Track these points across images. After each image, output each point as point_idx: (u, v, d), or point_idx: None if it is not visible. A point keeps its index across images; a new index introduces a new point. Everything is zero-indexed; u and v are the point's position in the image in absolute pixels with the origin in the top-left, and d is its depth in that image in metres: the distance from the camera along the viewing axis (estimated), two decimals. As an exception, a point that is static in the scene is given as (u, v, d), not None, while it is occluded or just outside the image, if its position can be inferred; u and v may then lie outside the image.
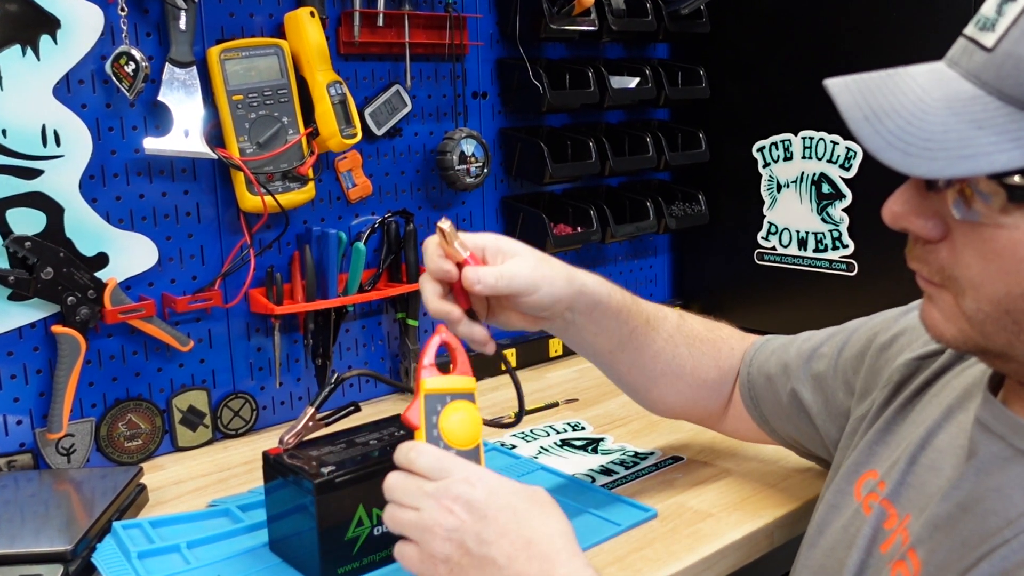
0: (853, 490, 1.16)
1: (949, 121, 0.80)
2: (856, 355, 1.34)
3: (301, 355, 1.97)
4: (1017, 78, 0.78)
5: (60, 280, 1.61)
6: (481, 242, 1.27)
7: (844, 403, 1.34)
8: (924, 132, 0.81)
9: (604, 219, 2.31)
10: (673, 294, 2.74)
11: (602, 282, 1.39)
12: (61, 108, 1.61)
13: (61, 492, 1.55)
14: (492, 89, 2.24)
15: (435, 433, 1.10)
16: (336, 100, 1.83)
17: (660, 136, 2.42)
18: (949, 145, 0.79)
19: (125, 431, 1.75)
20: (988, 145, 0.78)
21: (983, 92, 0.81)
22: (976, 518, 0.93)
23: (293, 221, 1.91)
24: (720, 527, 1.43)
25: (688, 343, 1.49)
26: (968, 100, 0.81)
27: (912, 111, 0.82)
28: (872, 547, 1.06)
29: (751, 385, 1.49)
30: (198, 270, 1.82)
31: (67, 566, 1.28)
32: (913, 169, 0.80)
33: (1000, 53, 0.80)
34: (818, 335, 1.46)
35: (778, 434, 1.50)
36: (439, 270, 1.23)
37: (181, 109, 1.71)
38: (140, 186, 1.73)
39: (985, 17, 0.83)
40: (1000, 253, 0.84)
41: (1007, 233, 0.82)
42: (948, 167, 0.79)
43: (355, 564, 1.29)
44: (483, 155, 2.12)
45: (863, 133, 0.83)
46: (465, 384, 1.15)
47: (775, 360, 1.47)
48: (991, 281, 0.85)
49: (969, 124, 0.79)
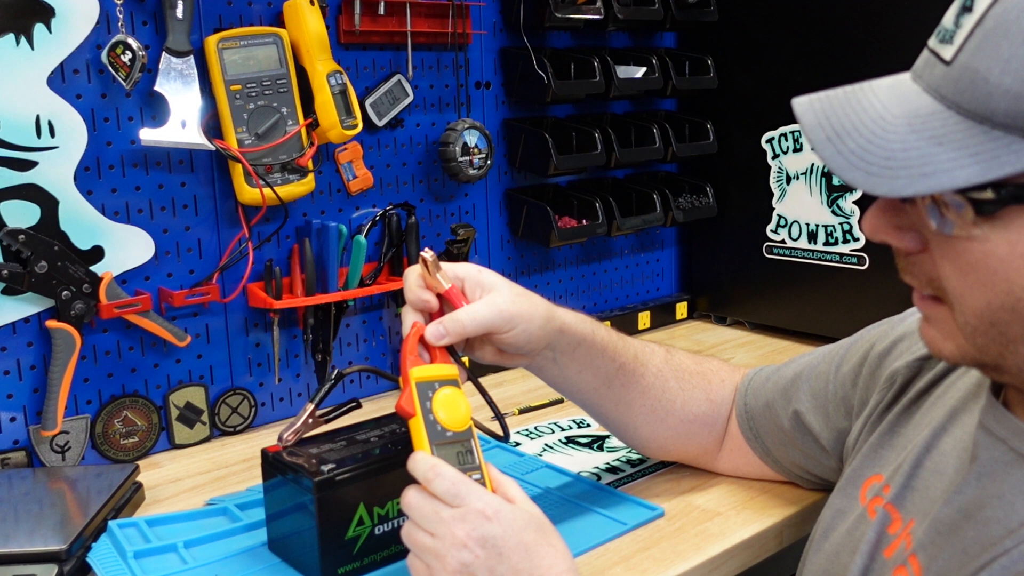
0: (858, 494, 1.16)
1: (909, 139, 0.81)
2: (854, 368, 1.33)
3: (300, 350, 1.97)
4: (973, 92, 0.78)
5: (55, 274, 1.61)
6: (462, 273, 1.28)
7: (843, 421, 1.33)
8: (884, 151, 0.81)
9: (610, 212, 2.31)
10: (680, 288, 2.74)
11: (584, 319, 1.38)
12: (56, 98, 1.61)
13: (56, 490, 1.55)
14: (495, 79, 2.23)
15: (431, 418, 1.15)
16: (336, 90, 1.82)
17: (667, 127, 2.41)
18: (909, 163, 0.80)
19: (121, 428, 1.74)
20: (948, 162, 0.78)
21: (943, 107, 0.81)
22: (978, 525, 0.93)
23: (292, 214, 1.90)
24: (728, 526, 1.42)
25: (677, 377, 1.47)
26: (928, 116, 0.81)
27: (872, 129, 0.83)
28: (876, 552, 1.06)
29: (750, 416, 1.47)
30: (195, 264, 1.81)
31: (62, 566, 1.28)
32: (875, 189, 0.81)
33: (957, 66, 0.80)
34: (813, 355, 1.44)
35: (782, 465, 1.48)
36: (419, 301, 1.25)
37: (178, 99, 1.70)
38: (136, 178, 1.72)
39: (944, 29, 0.84)
40: (975, 266, 0.84)
41: (979, 246, 0.83)
42: (908, 185, 0.79)
43: (356, 564, 1.28)
44: (486, 146, 2.11)
45: (826, 153, 0.84)
46: (449, 371, 1.21)
47: (771, 386, 1.45)
48: (971, 294, 0.86)
49: (928, 141, 0.80)
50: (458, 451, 1.15)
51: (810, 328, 2.40)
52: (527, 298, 1.29)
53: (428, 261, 1.23)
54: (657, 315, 2.61)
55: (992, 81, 0.77)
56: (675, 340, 2.48)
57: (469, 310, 1.23)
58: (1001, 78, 0.76)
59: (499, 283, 1.28)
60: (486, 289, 1.27)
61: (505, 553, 1.03)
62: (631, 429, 1.49)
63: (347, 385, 2.05)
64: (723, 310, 2.65)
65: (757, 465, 1.51)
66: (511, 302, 1.26)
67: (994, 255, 0.82)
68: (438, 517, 1.06)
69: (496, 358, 1.32)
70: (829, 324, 2.31)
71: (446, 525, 1.05)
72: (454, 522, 1.05)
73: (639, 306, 2.59)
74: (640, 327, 2.55)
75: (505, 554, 1.03)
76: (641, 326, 2.56)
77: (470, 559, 1.03)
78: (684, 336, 2.53)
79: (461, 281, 1.27)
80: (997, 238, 0.81)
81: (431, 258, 1.23)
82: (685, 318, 2.69)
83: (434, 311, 1.25)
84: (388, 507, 1.30)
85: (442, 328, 1.22)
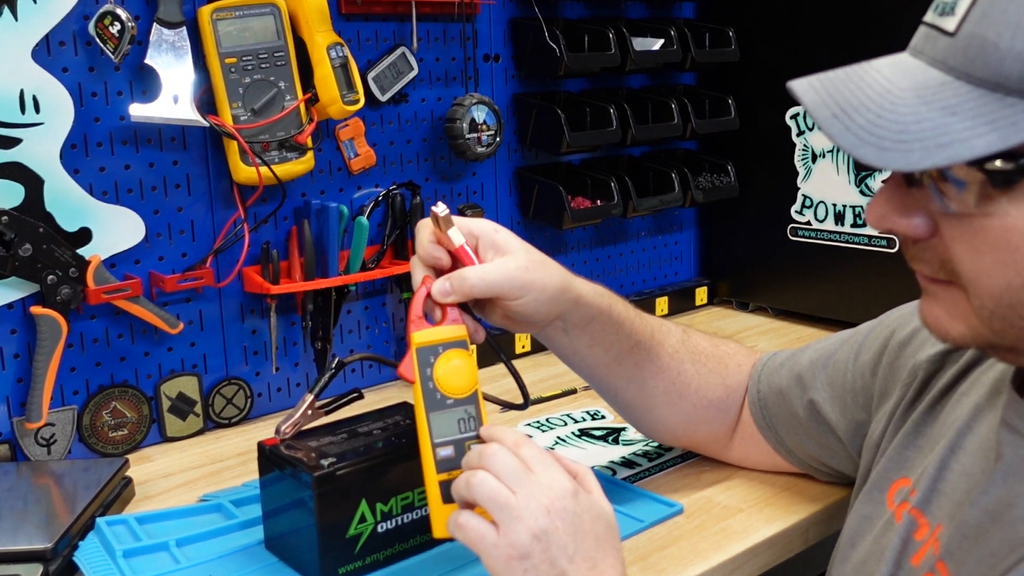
0: (886, 499, 1.15)
1: (921, 110, 0.81)
2: (873, 357, 1.32)
3: (299, 338, 1.97)
4: (984, 59, 0.79)
5: (39, 257, 1.60)
6: (477, 230, 1.26)
7: (862, 413, 1.33)
8: (896, 124, 0.81)
9: (626, 192, 2.30)
10: (700, 273, 2.74)
11: (603, 292, 1.37)
12: (40, 72, 1.61)
13: (40, 486, 1.55)
14: (505, 52, 2.22)
15: (431, 385, 1.16)
16: (337, 63, 1.82)
17: (686, 102, 2.40)
18: (924, 135, 0.80)
19: (110, 420, 1.74)
20: (964, 131, 0.78)
21: (952, 78, 0.81)
22: (1004, 527, 0.93)
23: (291, 194, 1.90)
24: (751, 524, 1.42)
25: (693, 359, 1.47)
26: (937, 87, 0.82)
27: (881, 104, 0.83)
28: (902, 559, 1.06)
29: (763, 404, 1.47)
30: (188, 247, 1.81)
31: (47, 565, 1.28)
32: (889, 163, 0.80)
33: (963, 36, 0.81)
34: (830, 340, 1.44)
35: (796, 456, 1.47)
36: (430, 257, 1.24)
37: (170, 73, 1.70)
38: (126, 156, 1.72)
39: (943, 2, 0.84)
40: (994, 244, 0.83)
41: (997, 222, 0.82)
42: (925, 158, 0.79)
43: (357, 563, 1.28)
44: (495, 123, 2.11)
45: (834, 131, 0.84)
46: (455, 332, 1.20)
47: (786, 372, 1.45)
48: (988, 275, 0.85)
49: (942, 111, 0.80)
50: (459, 418, 1.16)
51: (836, 314, 2.38)
52: (543, 266, 1.28)
53: (439, 216, 1.21)
54: (675, 301, 2.61)
55: (1003, 47, 0.77)
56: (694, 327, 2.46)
57: (479, 270, 1.22)
58: (1012, 42, 0.77)
59: (515, 245, 1.27)
60: (500, 250, 1.25)
61: (580, 535, 1.04)
62: (641, 410, 1.48)
63: (348, 374, 2.04)
64: (745, 295, 2.64)
65: (769, 455, 1.50)
66: (525, 268, 1.25)
67: (1015, 230, 0.82)
68: (527, 477, 1.05)
69: (503, 322, 1.31)
70: (857, 310, 2.29)
71: (534, 487, 1.04)
72: (542, 488, 1.04)
73: (656, 291, 2.59)
74: (657, 313, 2.54)
75: (580, 536, 1.04)
76: (659, 312, 2.55)
77: (551, 528, 1.02)
78: (704, 323, 2.53)
79: (475, 239, 1.25)
80: (1017, 212, 0.81)
81: (443, 213, 1.21)
82: (705, 304, 2.68)
83: (445, 268, 1.24)
84: (392, 503, 1.30)
85: (448, 285, 1.21)
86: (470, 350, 1.20)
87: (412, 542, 1.33)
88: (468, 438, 1.15)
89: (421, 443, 1.16)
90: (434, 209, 1.21)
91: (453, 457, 1.15)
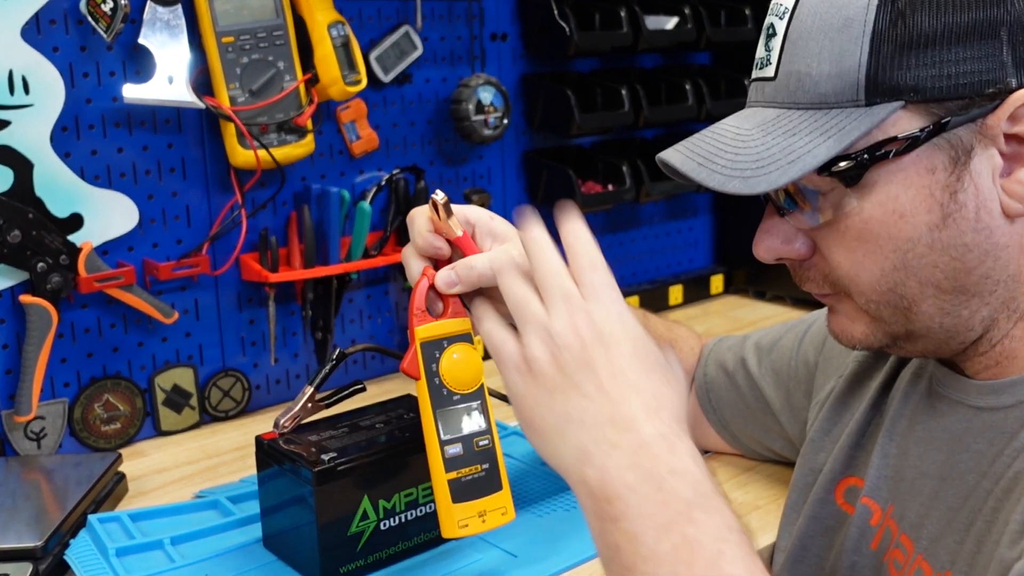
0: (834, 499, 1.21)
1: (767, 140, 0.97)
2: (817, 346, 1.40)
3: (299, 328, 1.97)
4: (802, 87, 0.97)
5: (29, 244, 1.60)
6: (473, 217, 1.25)
7: (804, 400, 1.40)
8: (751, 155, 0.97)
9: (638, 176, 2.30)
10: (715, 260, 2.73)
11: None
12: (30, 51, 1.60)
13: (30, 481, 1.56)
14: (513, 30, 2.22)
15: (436, 381, 1.16)
16: (338, 42, 1.82)
17: (701, 83, 2.40)
18: (775, 157, 0.95)
19: (102, 413, 1.74)
20: (807, 146, 0.94)
21: (784, 110, 0.99)
22: (955, 483, 1.03)
23: (290, 178, 1.90)
24: (767, 521, 1.43)
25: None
26: (775, 119, 0.99)
27: (735, 145, 0.99)
28: (860, 547, 1.14)
29: (709, 386, 1.55)
30: (183, 233, 1.81)
31: (37, 564, 1.28)
32: (755, 188, 0.94)
33: (783, 76, 0.99)
34: (777, 327, 1.54)
35: (740, 440, 1.56)
36: (430, 247, 1.22)
37: (164, 53, 1.69)
38: (119, 139, 1.72)
39: (760, 58, 1.03)
40: (860, 238, 0.97)
41: (856, 218, 0.97)
42: (782, 175, 0.93)
43: (359, 563, 1.29)
44: (503, 104, 2.10)
45: (701, 176, 0.98)
46: (459, 326, 1.20)
47: (732, 356, 1.54)
48: (864, 269, 0.99)
49: (784, 136, 0.96)
50: (467, 414, 1.16)
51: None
52: None
53: (439, 203, 1.20)
54: (690, 289, 2.60)
55: (814, 73, 0.96)
56: (710, 317, 2.47)
57: (486, 258, 1.20)
58: (820, 67, 0.95)
59: (512, 234, 1.26)
60: (499, 238, 1.24)
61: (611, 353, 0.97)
62: None
63: (350, 366, 2.05)
64: (762, 284, 2.63)
65: (713, 439, 1.59)
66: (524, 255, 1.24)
67: (872, 220, 0.96)
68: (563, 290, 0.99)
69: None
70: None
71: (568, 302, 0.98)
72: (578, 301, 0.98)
73: (670, 279, 2.58)
74: (671, 303, 2.54)
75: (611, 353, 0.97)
76: (672, 301, 2.55)
77: (572, 341, 0.96)
78: (720, 312, 2.52)
79: (472, 227, 1.25)
80: (869, 204, 0.96)
81: (443, 200, 1.20)
82: (721, 293, 2.67)
83: (444, 258, 1.24)
84: (394, 500, 1.30)
85: (454, 275, 1.20)
86: (475, 343, 1.20)
87: (416, 540, 1.33)
88: (477, 434, 1.15)
89: (428, 441, 1.15)
90: (434, 197, 1.20)
91: (462, 454, 1.15)
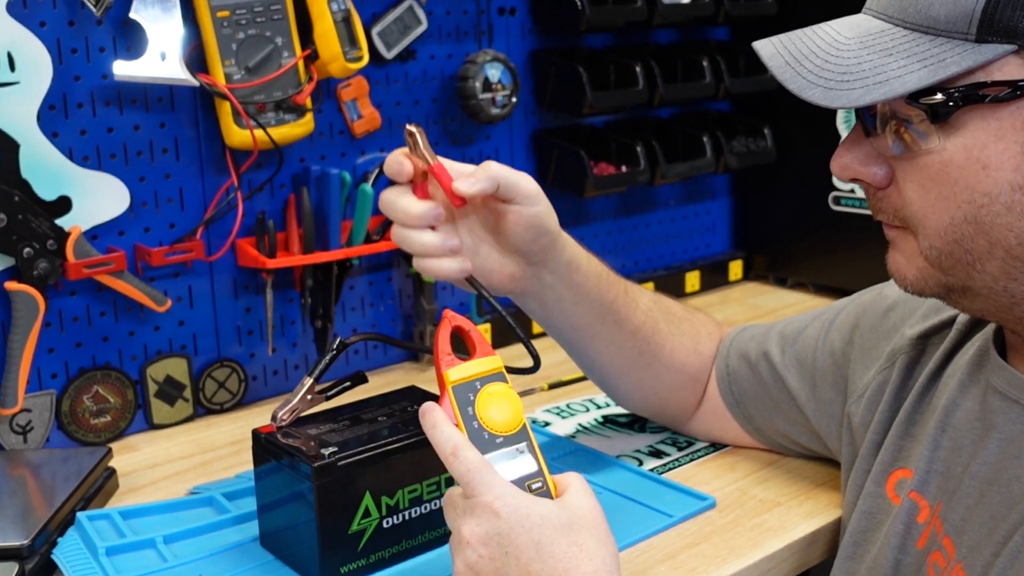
0: (885, 492, 1.24)
1: (862, 54, 1.00)
2: (844, 338, 1.42)
3: (297, 316, 1.97)
4: (916, 5, 0.97)
5: (15, 228, 1.60)
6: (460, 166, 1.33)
7: (830, 391, 1.42)
8: (840, 67, 1.00)
9: (653, 157, 2.29)
10: (734, 245, 2.73)
11: (578, 244, 1.44)
12: (16, 26, 1.60)
13: (16, 477, 1.56)
14: (522, 4, 2.21)
15: (475, 425, 1.13)
16: (339, 17, 1.81)
17: (719, 59, 2.39)
18: (864, 75, 0.98)
19: (91, 406, 1.74)
20: (899, 69, 0.97)
21: (890, 25, 1.00)
22: (1001, 488, 1.06)
23: (288, 159, 1.89)
24: (789, 519, 1.43)
25: (667, 319, 1.53)
26: (878, 33, 1.01)
27: (828, 51, 1.02)
28: (907, 544, 1.17)
29: (731, 378, 1.55)
30: (176, 217, 1.81)
31: (23, 563, 1.28)
32: (833, 101, 0.98)
33: None
34: (801, 317, 1.54)
35: (764, 434, 1.56)
36: (396, 163, 1.30)
37: (156, 28, 1.69)
38: (109, 118, 1.72)
39: None
40: (936, 179, 1.00)
41: (937, 157, 0.99)
42: (865, 95, 0.97)
43: (361, 562, 1.29)
44: (511, 82, 2.10)
45: (785, 76, 1.03)
46: (492, 365, 1.18)
47: (755, 346, 1.53)
48: (934, 212, 1.01)
49: (879, 54, 0.99)
50: (514, 458, 1.13)
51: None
52: None
53: (415, 134, 1.25)
54: (708, 276, 2.60)
55: None
56: (728, 304, 2.47)
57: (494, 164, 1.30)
58: None
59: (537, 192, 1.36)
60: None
61: (512, 552, 1.03)
62: (616, 375, 1.55)
63: (351, 356, 2.04)
64: (783, 270, 2.63)
65: (735, 431, 1.59)
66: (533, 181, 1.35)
67: (952, 163, 0.98)
68: (453, 509, 1.08)
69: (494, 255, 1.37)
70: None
71: (457, 519, 1.07)
72: (464, 517, 1.07)
73: (687, 265, 2.58)
74: (688, 289, 2.54)
75: (512, 553, 1.03)
76: (689, 288, 2.54)
77: (474, 558, 1.04)
78: (739, 300, 2.52)
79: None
80: (953, 146, 0.98)
81: (418, 130, 1.24)
82: (740, 279, 2.67)
83: (416, 180, 1.30)
84: (398, 496, 1.30)
85: (472, 174, 1.29)
86: (508, 382, 1.18)
87: (420, 539, 1.34)
88: (528, 477, 1.11)
89: None
90: (408, 127, 1.26)
91: None
